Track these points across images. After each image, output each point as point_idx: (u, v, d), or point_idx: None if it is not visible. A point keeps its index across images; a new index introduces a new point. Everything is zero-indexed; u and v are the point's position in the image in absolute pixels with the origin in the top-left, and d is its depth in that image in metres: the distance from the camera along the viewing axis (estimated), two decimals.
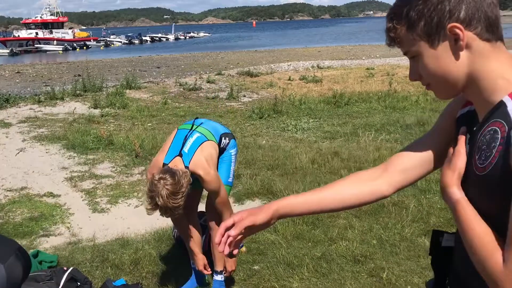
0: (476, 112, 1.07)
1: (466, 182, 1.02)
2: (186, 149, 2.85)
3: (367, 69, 17.47)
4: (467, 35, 0.96)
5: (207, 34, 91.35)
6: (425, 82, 1.07)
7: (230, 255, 1.18)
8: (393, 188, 1.24)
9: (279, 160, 6.01)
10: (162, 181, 2.52)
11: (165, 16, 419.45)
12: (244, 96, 12.50)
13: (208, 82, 15.02)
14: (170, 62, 25.52)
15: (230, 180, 3.13)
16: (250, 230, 1.17)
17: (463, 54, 0.98)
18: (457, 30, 0.96)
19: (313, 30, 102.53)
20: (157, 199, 2.52)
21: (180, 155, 2.83)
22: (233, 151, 3.17)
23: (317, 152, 6.31)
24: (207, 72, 18.61)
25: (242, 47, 42.58)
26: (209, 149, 2.93)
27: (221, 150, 3.10)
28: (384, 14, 1.14)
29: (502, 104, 0.96)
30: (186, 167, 2.77)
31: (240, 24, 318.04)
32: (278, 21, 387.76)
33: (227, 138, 3.11)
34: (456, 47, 0.98)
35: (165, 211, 2.58)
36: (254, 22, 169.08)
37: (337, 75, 16.34)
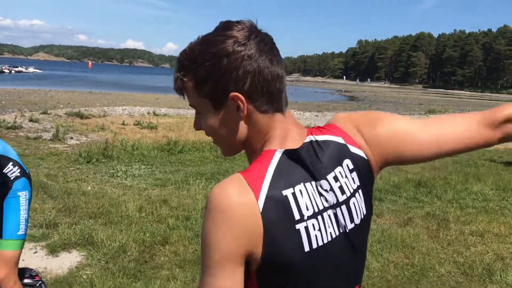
0: None
1: None
2: None
3: None
4: (248, 107, 0.97)
5: (38, 70, 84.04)
6: (208, 135, 1.08)
7: None
8: None
9: (104, 208, 5.66)
10: None
11: None
12: (72, 138, 11.69)
13: (30, 120, 13.76)
14: None
15: (21, 232, 2.57)
16: None
17: (242, 123, 1.00)
18: (239, 101, 0.97)
19: (155, 77, 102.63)
20: None
21: None
22: (22, 194, 2.58)
23: (145, 200, 6.12)
24: (32, 110, 17.06)
25: (75, 87, 40.32)
26: None
27: (4, 181, 2.51)
28: None
29: None
30: None
31: (75, 63, 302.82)
32: (117, 64, 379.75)
33: (16, 166, 2.55)
34: (237, 115, 0.99)
35: None
36: (90, 63, 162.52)
37: (173, 123, 16.45)
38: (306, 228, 0.96)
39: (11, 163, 2.52)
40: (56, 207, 5.57)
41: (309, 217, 0.96)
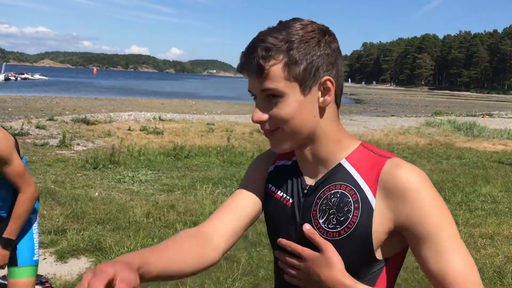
0: (292, 168, 1.07)
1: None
2: None
3: (208, 124, 17.99)
4: (334, 94, 0.98)
5: (44, 77, 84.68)
6: (272, 126, 0.98)
7: None
8: (220, 255, 1.09)
9: (112, 213, 5.67)
10: None
11: None
12: (78, 144, 11.74)
13: (37, 127, 13.83)
14: None
15: (36, 258, 2.42)
16: None
17: (322, 109, 0.98)
18: (330, 84, 0.96)
19: (160, 82, 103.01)
20: None
21: None
22: (33, 216, 2.44)
23: (153, 205, 6.12)
24: (38, 117, 17.16)
25: (81, 93, 40.56)
26: None
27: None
28: (226, 74, 1.02)
29: (341, 168, 0.98)
30: None
31: (80, 69, 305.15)
32: (122, 70, 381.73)
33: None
34: (322, 100, 0.97)
35: None
36: (95, 69, 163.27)
37: (179, 128, 16.47)
38: None
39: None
40: (64, 213, 5.58)
41: None
